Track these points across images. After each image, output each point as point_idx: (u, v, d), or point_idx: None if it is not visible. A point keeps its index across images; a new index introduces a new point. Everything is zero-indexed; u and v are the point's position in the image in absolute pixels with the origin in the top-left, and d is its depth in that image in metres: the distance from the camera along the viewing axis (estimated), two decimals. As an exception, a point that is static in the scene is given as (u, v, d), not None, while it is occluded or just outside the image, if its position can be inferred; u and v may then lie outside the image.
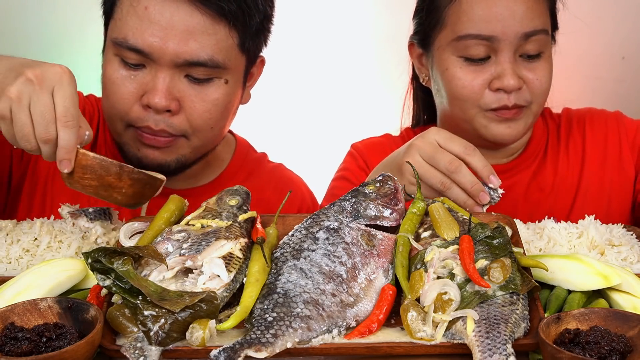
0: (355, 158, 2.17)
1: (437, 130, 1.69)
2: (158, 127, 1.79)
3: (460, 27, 1.90)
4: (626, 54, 3.08)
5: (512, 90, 1.89)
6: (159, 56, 1.75)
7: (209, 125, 1.85)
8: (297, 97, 3.30)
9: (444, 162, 1.62)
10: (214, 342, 1.22)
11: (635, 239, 1.66)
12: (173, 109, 1.78)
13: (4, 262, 1.54)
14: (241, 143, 2.17)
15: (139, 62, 1.78)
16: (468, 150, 1.64)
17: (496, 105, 1.92)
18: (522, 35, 1.87)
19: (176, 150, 1.85)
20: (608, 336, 1.18)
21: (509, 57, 1.88)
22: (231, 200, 1.53)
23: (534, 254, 1.55)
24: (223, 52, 1.79)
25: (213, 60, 1.78)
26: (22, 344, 1.16)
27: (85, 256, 1.27)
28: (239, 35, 1.81)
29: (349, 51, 3.27)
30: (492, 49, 1.89)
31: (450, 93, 1.97)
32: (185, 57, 1.75)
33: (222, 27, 1.77)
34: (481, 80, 1.91)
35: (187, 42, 1.74)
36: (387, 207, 1.49)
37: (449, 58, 1.94)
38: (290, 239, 1.43)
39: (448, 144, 1.65)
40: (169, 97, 1.77)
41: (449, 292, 1.28)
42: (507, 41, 1.87)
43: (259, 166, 2.14)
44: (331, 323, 1.27)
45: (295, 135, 3.32)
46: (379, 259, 1.40)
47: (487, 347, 1.18)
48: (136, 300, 1.23)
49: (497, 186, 1.64)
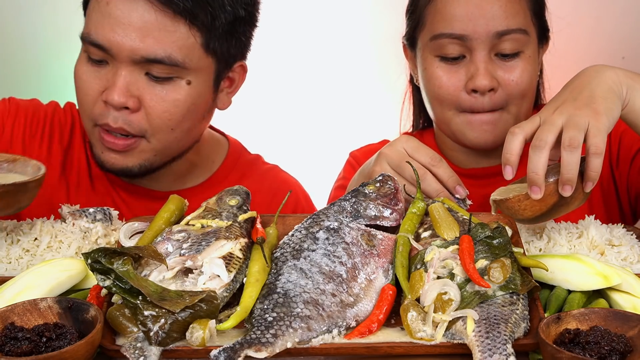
0: (354, 167, 2.16)
1: (407, 139, 1.70)
2: (116, 124, 1.78)
3: (435, 27, 1.91)
4: (626, 54, 3.08)
5: (485, 91, 1.88)
6: (117, 52, 1.75)
7: (169, 127, 1.82)
8: (295, 98, 3.30)
9: (409, 171, 1.64)
10: (214, 342, 1.22)
11: (635, 239, 1.66)
12: (131, 106, 1.77)
13: (4, 262, 1.54)
14: (234, 145, 2.15)
15: (101, 58, 1.78)
16: (434, 160, 1.65)
17: (469, 104, 1.91)
18: (494, 34, 1.86)
19: (137, 155, 1.83)
20: (608, 336, 1.18)
21: (482, 56, 1.87)
22: (231, 200, 1.53)
23: (534, 254, 1.55)
24: (183, 51, 1.77)
25: (171, 59, 1.76)
26: (22, 344, 1.16)
27: (85, 256, 1.27)
28: (202, 35, 1.79)
29: (348, 52, 3.27)
30: (467, 48, 1.88)
31: (429, 94, 1.97)
32: (141, 54, 1.74)
33: (181, 25, 1.76)
34: (456, 80, 1.90)
35: (144, 38, 1.74)
36: (387, 207, 1.50)
37: (427, 58, 1.94)
38: (290, 239, 1.43)
39: (415, 153, 1.67)
40: (127, 94, 1.76)
41: (449, 292, 1.28)
42: (479, 40, 1.86)
43: (252, 168, 2.12)
44: (331, 323, 1.27)
45: (293, 136, 3.32)
46: (379, 259, 1.40)
47: (487, 347, 1.18)
48: (136, 300, 1.23)
49: (464, 196, 1.65)
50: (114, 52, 1.75)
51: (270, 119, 3.27)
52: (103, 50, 1.76)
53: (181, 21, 1.75)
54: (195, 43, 1.78)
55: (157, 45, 1.74)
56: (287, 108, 3.30)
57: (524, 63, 1.91)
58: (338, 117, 3.29)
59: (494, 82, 1.88)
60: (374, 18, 3.22)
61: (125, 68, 1.76)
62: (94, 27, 1.77)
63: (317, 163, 3.00)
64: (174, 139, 1.86)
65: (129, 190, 1.98)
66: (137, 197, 1.98)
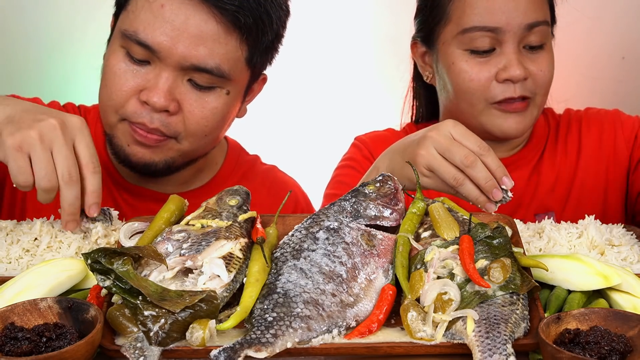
0: (360, 148, 2.17)
1: (454, 124, 1.65)
2: (153, 125, 1.79)
3: (466, 20, 1.93)
4: (626, 53, 3.08)
5: (518, 81, 1.92)
6: (166, 55, 1.75)
7: (204, 133, 1.84)
8: (292, 99, 3.29)
9: (459, 156, 1.59)
10: (214, 342, 1.22)
11: (635, 239, 1.66)
12: (171, 109, 1.78)
13: (4, 262, 1.54)
14: (233, 146, 2.16)
15: (144, 59, 1.77)
16: (483, 149, 1.61)
17: (502, 96, 1.94)
18: (525, 27, 1.91)
19: (165, 152, 1.84)
20: (608, 336, 1.18)
21: (513, 48, 1.92)
22: (231, 200, 1.53)
23: (534, 254, 1.55)
24: (230, 63, 1.79)
25: (219, 69, 1.78)
26: (22, 344, 1.16)
27: (85, 257, 1.27)
28: (248, 49, 1.81)
29: (347, 52, 3.27)
30: (497, 41, 1.92)
31: (457, 87, 1.99)
32: (192, 61, 1.75)
33: (234, 38, 1.77)
34: (487, 72, 1.94)
35: (197, 46, 1.74)
36: (387, 207, 1.49)
37: (454, 52, 1.97)
38: (290, 239, 1.43)
39: (464, 139, 1.62)
40: (169, 97, 1.77)
41: (449, 292, 1.28)
42: (512, 32, 1.90)
43: (251, 169, 2.13)
44: (331, 323, 1.27)
45: (292, 136, 3.31)
46: (379, 259, 1.40)
47: (487, 347, 1.18)
48: (136, 300, 1.23)
49: (509, 188, 1.61)
50: (162, 55, 1.75)
51: (269, 118, 3.26)
52: (149, 51, 1.75)
53: (234, 34, 1.77)
54: (241, 57, 1.81)
55: (209, 55, 1.75)
56: (285, 108, 3.30)
57: (548, 54, 1.97)
58: (337, 116, 3.29)
59: (526, 72, 1.93)
60: (373, 18, 3.22)
61: (169, 71, 1.76)
62: (143, 27, 1.75)
63: (316, 163, 2.99)
64: (204, 144, 1.89)
65: (133, 192, 1.99)
66: (142, 200, 1.98)
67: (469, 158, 1.58)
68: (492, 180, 1.59)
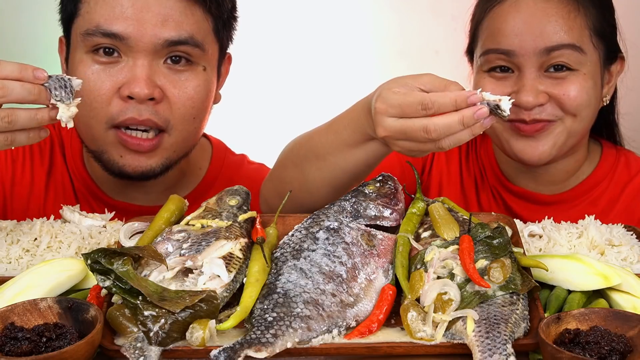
0: None
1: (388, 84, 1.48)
2: (142, 116, 1.74)
3: (485, 42, 1.89)
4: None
5: (530, 107, 1.82)
6: (137, 41, 1.72)
7: (192, 115, 1.81)
8: (290, 98, 3.29)
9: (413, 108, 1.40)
10: (214, 342, 1.22)
11: (635, 239, 1.66)
12: (157, 96, 1.74)
13: (4, 262, 1.54)
14: (217, 147, 2.11)
15: (113, 48, 1.73)
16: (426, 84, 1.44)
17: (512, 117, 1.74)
18: (542, 50, 1.81)
19: (160, 153, 1.81)
20: (608, 336, 1.18)
21: (530, 72, 1.83)
22: (231, 200, 1.53)
23: (534, 254, 1.55)
24: (201, 33, 1.78)
25: (194, 39, 1.76)
26: (22, 344, 1.16)
27: (85, 257, 1.27)
28: (213, 19, 1.81)
29: (347, 51, 3.27)
30: (514, 65, 1.85)
31: None
32: (165, 37, 1.72)
33: (198, 9, 1.77)
34: (500, 91, 1.80)
35: (165, 23, 1.73)
36: (387, 207, 1.50)
37: (478, 73, 1.93)
38: (290, 239, 1.43)
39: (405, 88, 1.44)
40: (151, 84, 1.73)
41: (449, 292, 1.28)
42: (527, 56, 1.82)
43: (239, 169, 2.08)
44: (331, 323, 1.27)
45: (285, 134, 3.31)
46: (379, 259, 1.40)
47: (487, 347, 1.18)
48: (136, 300, 1.23)
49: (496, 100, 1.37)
50: (132, 42, 1.72)
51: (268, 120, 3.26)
52: (117, 41, 1.72)
53: (196, 6, 1.77)
54: (208, 27, 1.81)
55: (179, 28, 1.74)
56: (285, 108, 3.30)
57: (578, 79, 1.84)
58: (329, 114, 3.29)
59: (541, 98, 1.82)
60: (373, 17, 3.22)
61: (143, 58, 1.73)
62: (104, 19, 1.72)
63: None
64: (194, 129, 1.84)
65: (116, 207, 1.91)
66: (125, 214, 1.89)
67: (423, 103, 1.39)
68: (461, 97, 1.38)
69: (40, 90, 1.42)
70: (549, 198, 1.99)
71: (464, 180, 2.08)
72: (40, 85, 1.43)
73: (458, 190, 2.06)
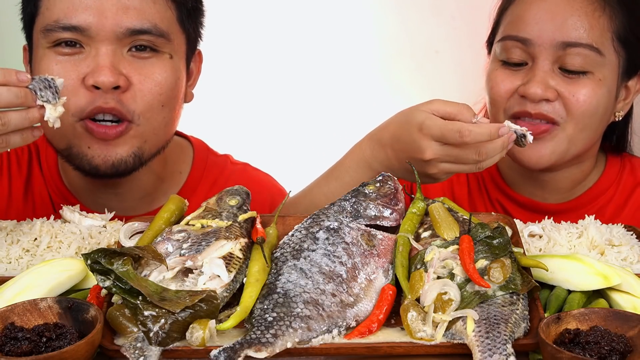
0: None
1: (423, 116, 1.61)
2: (108, 105, 1.71)
3: (505, 29, 1.87)
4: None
5: (535, 99, 1.79)
6: (98, 31, 1.70)
7: (160, 103, 1.77)
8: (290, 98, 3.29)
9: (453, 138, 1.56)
10: (214, 342, 1.22)
11: (635, 239, 1.66)
12: (122, 84, 1.71)
13: (4, 262, 1.54)
14: (199, 148, 2.07)
15: (76, 40, 1.71)
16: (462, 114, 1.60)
17: (517, 108, 1.82)
18: (559, 44, 1.78)
19: (129, 141, 1.76)
20: (608, 336, 1.18)
21: (543, 65, 1.79)
22: (231, 200, 1.53)
23: (534, 254, 1.55)
24: (165, 22, 1.77)
25: (157, 28, 1.74)
26: (22, 344, 1.16)
27: (85, 257, 1.27)
28: (177, 8, 1.80)
29: (347, 51, 3.27)
30: (529, 55, 1.81)
31: (488, 97, 1.91)
32: (127, 26, 1.71)
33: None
34: (510, 83, 1.83)
35: (126, 11, 1.71)
36: (387, 207, 1.49)
37: (493, 60, 1.91)
38: (290, 239, 1.43)
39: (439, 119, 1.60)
40: (115, 72, 1.71)
41: (449, 292, 1.28)
42: (543, 47, 1.78)
43: (222, 171, 2.05)
44: (331, 323, 1.27)
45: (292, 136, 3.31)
46: (379, 259, 1.40)
47: (487, 347, 1.18)
48: (136, 300, 1.23)
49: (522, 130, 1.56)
50: (93, 32, 1.70)
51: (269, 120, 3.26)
52: (78, 33, 1.70)
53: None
54: (172, 16, 1.79)
55: (141, 16, 1.73)
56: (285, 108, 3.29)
57: (591, 83, 1.79)
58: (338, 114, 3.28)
59: (549, 93, 1.78)
60: (373, 17, 3.22)
61: (106, 46, 1.71)
62: (64, 13, 1.70)
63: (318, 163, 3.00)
64: (162, 119, 1.80)
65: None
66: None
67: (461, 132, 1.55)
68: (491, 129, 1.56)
69: (26, 93, 1.45)
70: (554, 207, 1.96)
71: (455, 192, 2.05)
72: (25, 88, 1.45)
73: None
